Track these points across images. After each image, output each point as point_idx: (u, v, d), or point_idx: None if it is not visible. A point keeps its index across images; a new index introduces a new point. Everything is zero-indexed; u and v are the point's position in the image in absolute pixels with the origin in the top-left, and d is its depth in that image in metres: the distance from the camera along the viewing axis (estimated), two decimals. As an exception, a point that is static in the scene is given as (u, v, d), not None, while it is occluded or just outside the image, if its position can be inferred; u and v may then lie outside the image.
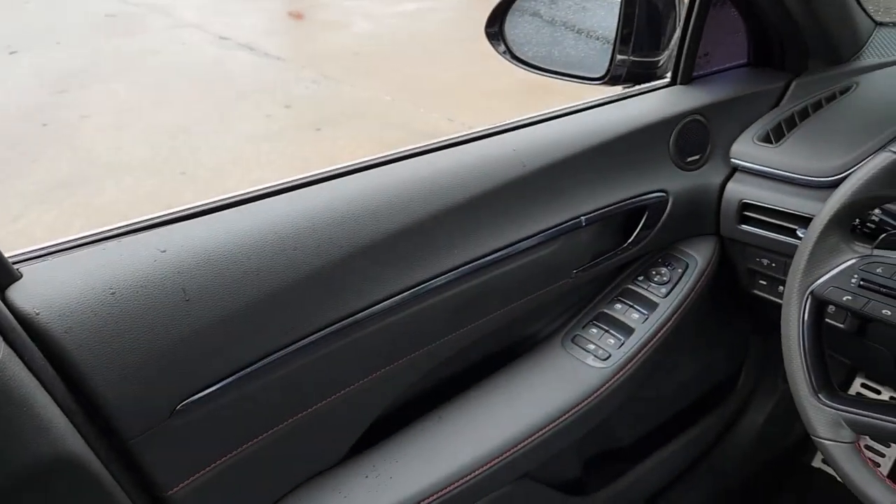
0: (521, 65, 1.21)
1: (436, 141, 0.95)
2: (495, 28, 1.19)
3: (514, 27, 1.20)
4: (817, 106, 1.10)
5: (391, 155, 0.91)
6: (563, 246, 0.98)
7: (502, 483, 0.97)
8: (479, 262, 0.89)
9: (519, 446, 0.94)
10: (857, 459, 0.79)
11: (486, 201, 0.89)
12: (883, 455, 1.59)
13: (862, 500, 0.79)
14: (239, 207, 0.79)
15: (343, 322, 0.79)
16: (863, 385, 1.60)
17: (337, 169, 0.87)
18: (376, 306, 0.81)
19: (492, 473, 0.92)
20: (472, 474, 0.91)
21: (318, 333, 0.77)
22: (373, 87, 5.22)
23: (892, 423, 0.78)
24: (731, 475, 1.49)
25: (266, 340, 0.74)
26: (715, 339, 1.37)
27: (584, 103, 1.10)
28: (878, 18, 1.21)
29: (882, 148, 0.79)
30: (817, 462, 1.66)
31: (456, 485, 0.89)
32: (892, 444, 1.60)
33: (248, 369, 0.73)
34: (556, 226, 0.96)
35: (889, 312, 0.77)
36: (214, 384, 0.70)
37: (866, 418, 0.79)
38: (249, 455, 0.77)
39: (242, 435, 0.76)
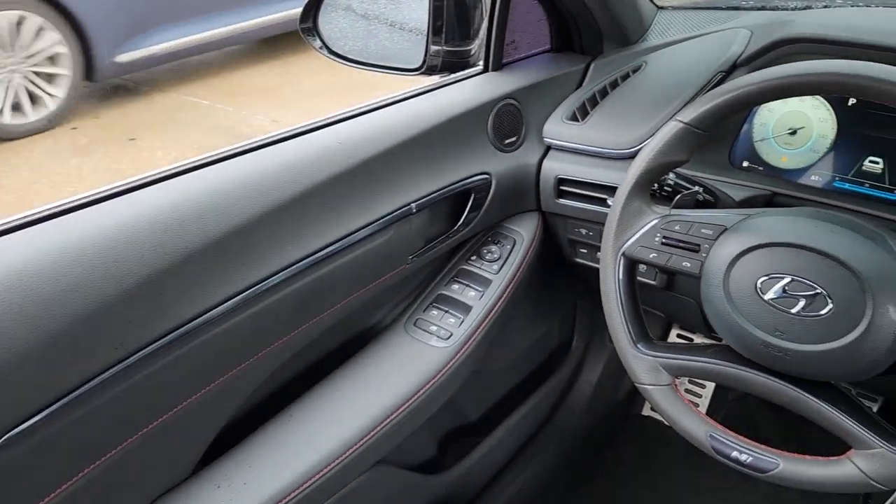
0: (338, 59, 1.21)
1: (260, 138, 0.94)
2: (309, 24, 1.19)
3: (329, 22, 1.20)
4: (614, 85, 1.20)
5: (215, 155, 0.89)
6: (396, 234, 1.01)
7: (359, 472, 0.98)
8: (313, 256, 0.89)
9: (372, 433, 0.96)
10: (675, 398, 0.88)
11: (315, 196, 0.90)
12: (700, 395, 1.77)
13: (682, 434, 0.88)
14: (49, 222, 0.74)
15: (177, 332, 0.76)
16: (678, 335, 1.77)
17: (157, 174, 0.84)
18: (211, 312, 0.79)
19: (347, 464, 0.93)
20: (328, 468, 0.91)
21: (151, 346, 0.74)
22: (188, 92, 4.99)
23: (699, 361, 0.88)
24: (574, 433, 1.60)
25: (92, 360, 0.70)
26: (548, 308, 1.46)
27: (404, 94, 1.13)
28: (658, 3, 1.34)
29: (670, 118, 0.88)
30: (646, 410, 1.82)
31: (312, 480, 0.90)
32: (707, 384, 1.78)
33: (76, 393, 0.68)
34: (387, 214, 0.98)
35: (688, 264, 0.86)
36: (37, 414, 0.66)
37: (678, 361, 0.88)
38: (87, 483, 0.72)
39: (76, 463, 0.71)
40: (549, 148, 1.20)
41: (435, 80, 1.20)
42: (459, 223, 1.12)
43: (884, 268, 0.74)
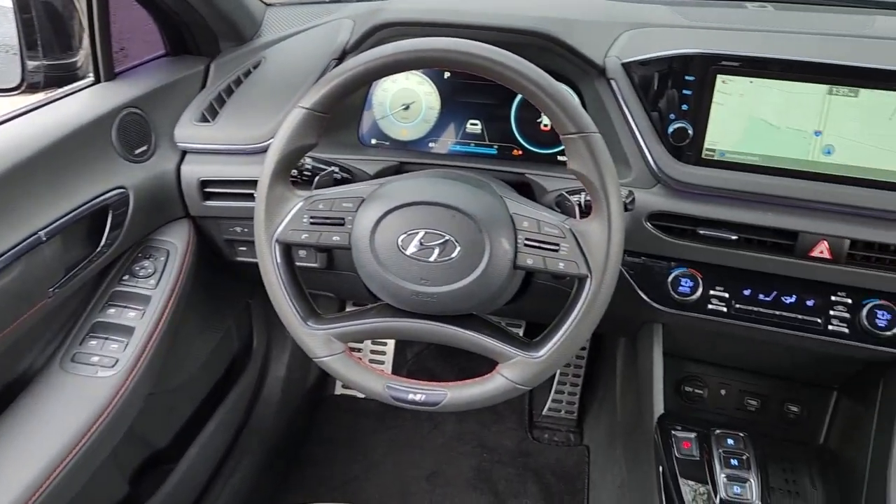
0: None
1: None
2: None
3: None
4: (238, 82, 1.22)
5: None
6: (27, 267, 0.91)
7: None
8: None
9: (45, 486, 0.87)
10: (351, 363, 0.94)
11: None
12: (383, 362, 1.90)
13: (365, 394, 0.95)
14: None
15: None
16: (352, 311, 1.88)
17: None
18: None
19: None
20: None
21: None
22: None
23: (364, 323, 0.95)
24: (273, 429, 1.61)
25: None
26: (219, 313, 1.44)
27: (6, 115, 1.02)
28: (266, 1, 1.38)
29: (293, 106, 0.92)
30: (339, 389, 1.90)
31: None
32: (387, 350, 1.92)
33: None
34: (11, 248, 0.88)
35: (338, 238, 0.92)
36: None
37: (346, 328, 0.94)
38: None
39: None
40: (184, 152, 1.17)
41: (40, 97, 1.10)
42: (102, 244, 1.05)
43: (492, 209, 0.88)
